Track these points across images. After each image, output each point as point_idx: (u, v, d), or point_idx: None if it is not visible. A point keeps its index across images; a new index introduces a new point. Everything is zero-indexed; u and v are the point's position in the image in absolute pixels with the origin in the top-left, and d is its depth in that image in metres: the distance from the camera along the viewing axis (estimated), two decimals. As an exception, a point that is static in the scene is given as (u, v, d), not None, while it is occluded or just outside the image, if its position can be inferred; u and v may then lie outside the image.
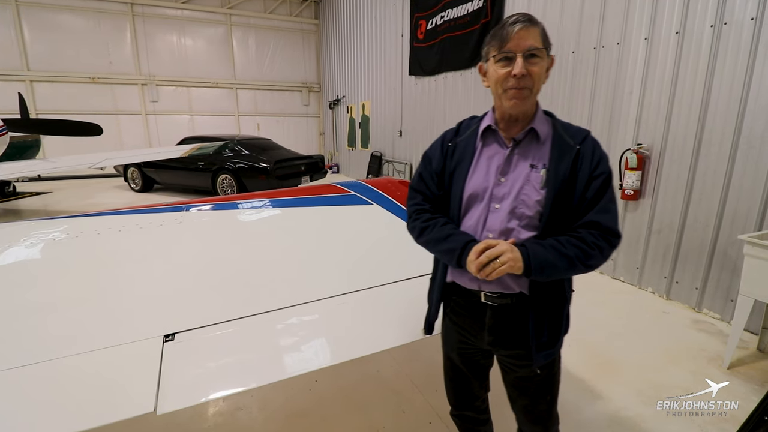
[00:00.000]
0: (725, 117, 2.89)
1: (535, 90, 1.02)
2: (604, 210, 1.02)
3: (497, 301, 1.09)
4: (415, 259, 1.74)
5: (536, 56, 0.99)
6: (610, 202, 1.03)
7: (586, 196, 1.02)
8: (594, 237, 1.00)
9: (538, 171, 1.04)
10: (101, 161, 5.76)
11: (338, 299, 1.48)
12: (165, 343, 1.23)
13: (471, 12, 5.71)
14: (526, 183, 1.04)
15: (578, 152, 1.03)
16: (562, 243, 1.00)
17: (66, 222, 1.88)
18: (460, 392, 1.38)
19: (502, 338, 1.13)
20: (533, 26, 0.99)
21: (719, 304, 3.01)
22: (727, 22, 2.84)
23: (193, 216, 2.02)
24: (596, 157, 1.04)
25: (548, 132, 1.08)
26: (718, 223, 2.97)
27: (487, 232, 1.07)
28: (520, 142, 1.07)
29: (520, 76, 0.98)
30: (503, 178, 1.07)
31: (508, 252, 0.96)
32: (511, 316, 1.10)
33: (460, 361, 1.29)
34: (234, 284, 1.54)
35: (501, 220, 1.05)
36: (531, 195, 1.03)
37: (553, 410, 1.25)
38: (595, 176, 1.02)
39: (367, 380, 2.28)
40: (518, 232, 1.05)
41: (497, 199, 1.06)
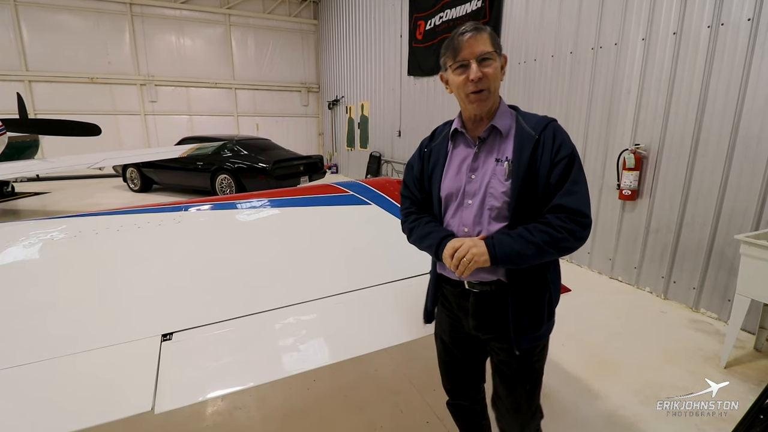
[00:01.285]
0: (722, 117, 2.90)
1: (493, 89, 1.10)
2: (568, 192, 1.06)
3: (478, 288, 1.17)
4: (412, 259, 1.75)
5: (488, 59, 1.07)
6: (574, 184, 1.06)
7: (550, 181, 1.07)
8: (560, 220, 1.04)
9: (502, 164, 1.11)
10: (100, 161, 5.75)
11: (336, 299, 1.48)
12: (163, 342, 1.23)
13: (469, 12, 5.72)
14: (492, 177, 1.11)
15: (537, 141, 1.08)
16: (530, 230, 1.04)
17: (64, 222, 1.88)
18: (453, 377, 1.41)
19: (484, 323, 1.20)
20: (481, 33, 1.07)
21: (716, 304, 3.02)
22: (724, 23, 2.85)
23: (191, 216, 2.03)
24: (557, 142, 1.08)
25: (510, 126, 1.14)
26: (716, 223, 2.98)
27: (462, 227, 1.15)
28: (485, 139, 1.15)
29: (476, 79, 1.06)
30: (473, 175, 1.14)
31: (472, 248, 1.03)
32: (493, 301, 1.16)
33: (451, 343, 1.34)
34: (232, 284, 1.55)
35: (473, 214, 1.13)
36: (497, 187, 1.10)
37: (531, 403, 1.26)
38: (557, 162, 1.07)
39: (365, 379, 2.28)
40: (489, 224, 1.12)
41: (469, 195, 1.14)
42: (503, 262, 1.04)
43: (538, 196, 1.08)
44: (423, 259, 1.72)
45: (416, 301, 1.52)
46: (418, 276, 1.64)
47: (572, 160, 1.08)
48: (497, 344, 1.22)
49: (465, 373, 1.39)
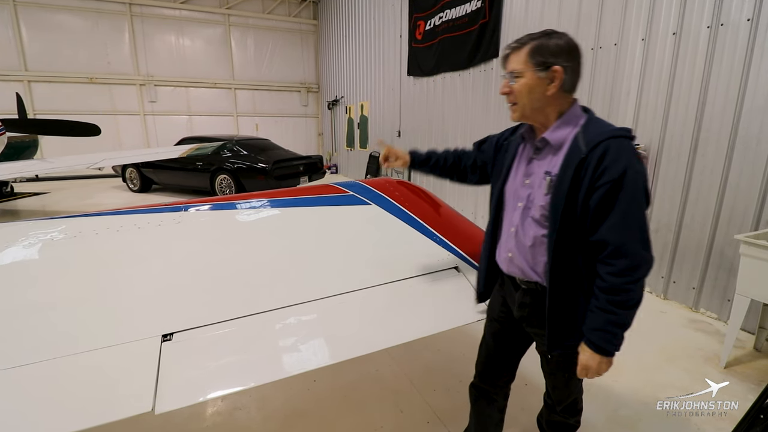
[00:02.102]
0: (722, 117, 2.90)
1: (521, 104, 1.14)
2: (613, 227, 1.01)
3: (525, 284, 1.25)
4: (411, 260, 1.75)
5: (517, 76, 1.12)
6: (622, 215, 0.99)
7: (589, 205, 1.03)
8: (605, 270, 1.05)
9: (545, 179, 1.13)
10: (99, 161, 5.74)
11: (336, 299, 1.48)
12: (163, 342, 1.23)
13: (469, 13, 5.72)
14: (538, 188, 1.16)
15: (582, 160, 1.03)
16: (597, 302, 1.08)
17: (64, 222, 1.88)
18: (490, 359, 1.47)
19: (528, 316, 1.27)
20: (517, 51, 1.12)
21: (716, 304, 3.02)
22: (723, 23, 2.86)
23: (191, 216, 2.02)
24: (603, 164, 1.00)
25: (567, 138, 1.11)
26: (715, 223, 2.98)
27: (510, 226, 1.25)
28: (540, 149, 1.18)
29: (502, 93, 1.17)
30: (527, 180, 1.20)
31: (599, 369, 1.14)
32: (538, 299, 1.22)
33: (499, 326, 1.41)
34: (232, 284, 1.54)
35: (520, 216, 1.21)
36: (538, 199, 1.15)
37: (570, 384, 1.36)
38: (598, 186, 1.01)
39: (365, 380, 2.28)
40: (529, 229, 1.19)
41: (520, 199, 1.21)
42: (616, 348, 1.12)
43: (577, 220, 1.06)
44: (423, 259, 1.72)
45: (416, 301, 1.52)
46: (418, 276, 1.64)
47: (619, 185, 0.99)
48: (538, 339, 1.30)
49: (502, 359, 1.45)
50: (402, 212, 2.05)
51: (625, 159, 1.00)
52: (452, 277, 1.68)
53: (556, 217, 1.08)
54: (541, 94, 1.10)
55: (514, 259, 1.24)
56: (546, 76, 1.08)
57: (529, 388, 2.15)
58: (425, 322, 1.47)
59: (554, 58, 1.07)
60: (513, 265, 1.25)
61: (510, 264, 1.26)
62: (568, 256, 1.10)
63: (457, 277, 1.68)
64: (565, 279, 1.12)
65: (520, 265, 1.23)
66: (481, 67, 5.61)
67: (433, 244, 1.89)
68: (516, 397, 1.62)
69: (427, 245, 1.88)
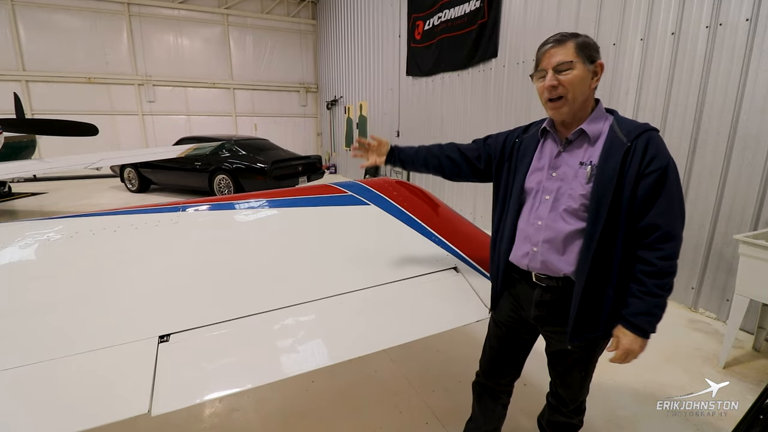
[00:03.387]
0: (720, 117, 2.90)
1: (571, 97, 1.13)
2: (662, 212, 1.08)
3: (545, 282, 1.23)
4: (410, 260, 1.75)
5: (567, 69, 1.11)
6: (668, 203, 1.08)
7: (637, 194, 1.08)
8: (654, 255, 1.09)
9: (585, 167, 1.14)
10: (97, 161, 5.72)
11: (335, 299, 1.48)
12: (160, 343, 1.22)
13: (468, 13, 5.72)
14: (574, 178, 1.15)
15: (628, 149, 1.09)
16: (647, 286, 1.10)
17: (61, 222, 1.87)
18: (495, 362, 1.49)
19: (546, 314, 1.26)
20: (563, 44, 1.12)
21: (715, 304, 3.03)
22: (722, 23, 2.86)
23: (189, 216, 2.01)
24: (650, 153, 1.07)
25: (602, 131, 1.16)
26: (714, 223, 2.99)
27: (536, 220, 1.22)
28: (572, 141, 1.19)
29: (549, 87, 1.13)
30: (554, 173, 1.20)
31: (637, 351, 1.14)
32: (558, 295, 1.23)
33: (507, 329, 1.41)
34: (230, 284, 1.54)
35: (549, 210, 1.19)
36: (576, 189, 1.14)
37: (585, 382, 1.38)
38: (646, 174, 1.07)
39: (364, 381, 2.27)
40: (561, 222, 1.17)
41: (547, 191, 1.20)
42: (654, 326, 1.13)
43: (622, 207, 1.09)
44: (422, 260, 1.71)
45: (415, 301, 1.52)
46: (417, 277, 1.63)
47: (665, 173, 1.07)
48: (556, 337, 1.29)
49: (508, 361, 1.46)
50: (401, 212, 2.04)
51: (666, 150, 1.11)
52: (451, 278, 1.67)
53: (600, 205, 1.10)
54: (588, 86, 1.14)
55: (540, 254, 1.21)
56: (592, 69, 1.14)
57: (529, 388, 2.14)
58: (424, 322, 1.46)
59: (596, 53, 1.15)
60: (536, 261, 1.22)
61: (533, 259, 1.23)
62: (609, 245, 1.13)
63: (456, 277, 1.68)
64: (601, 269, 1.15)
65: (547, 260, 1.20)
66: (480, 67, 5.61)
67: (432, 245, 1.88)
68: (515, 397, 1.61)
69: (426, 246, 1.88)
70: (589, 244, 1.12)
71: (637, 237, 1.12)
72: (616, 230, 1.11)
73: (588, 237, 1.13)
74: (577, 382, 1.37)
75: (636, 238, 1.12)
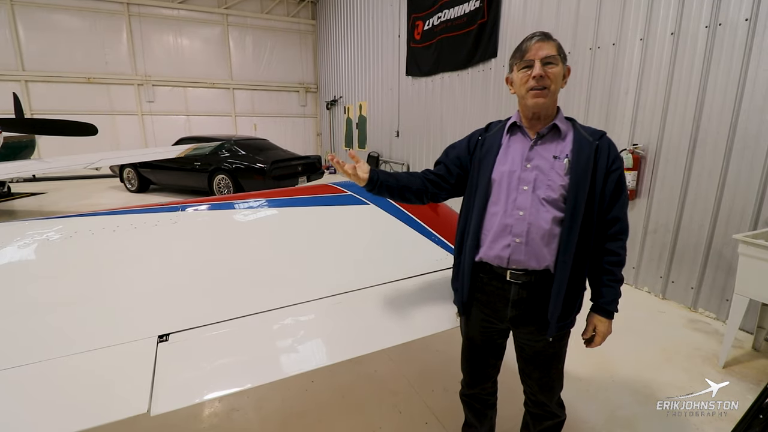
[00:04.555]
0: (720, 117, 2.90)
1: (554, 89, 1.20)
2: (623, 205, 1.25)
3: (522, 278, 1.25)
4: (411, 259, 1.75)
5: (552, 63, 1.18)
6: (625, 199, 1.25)
7: (606, 188, 1.22)
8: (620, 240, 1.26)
9: (561, 160, 1.21)
10: (96, 161, 5.71)
11: (334, 299, 1.47)
12: (159, 343, 1.22)
13: (468, 13, 5.72)
14: (551, 169, 1.21)
15: (597, 147, 1.21)
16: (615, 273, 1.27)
17: (60, 222, 1.87)
18: (475, 373, 1.50)
19: (523, 313, 1.28)
20: (549, 40, 1.19)
21: (715, 304, 3.03)
22: (721, 23, 2.86)
23: (188, 216, 2.01)
24: (612, 153, 1.23)
25: (568, 129, 1.26)
26: (713, 223, 2.99)
27: (517, 210, 1.22)
28: (543, 136, 1.25)
29: (538, 77, 1.17)
30: (528, 165, 1.23)
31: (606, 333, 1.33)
32: (534, 291, 1.25)
33: (481, 340, 1.42)
34: (229, 284, 1.53)
35: (529, 199, 1.22)
36: (556, 180, 1.20)
37: (561, 376, 1.43)
38: (612, 170, 1.22)
39: (363, 380, 2.27)
40: (545, 210, 1.20)
41: (525, 182, 1.23)
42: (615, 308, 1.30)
43: (595, 199, 1.21)
44: (422, 259, 1.71)
45: (415, 301, 1.51)
46: (417, 276, 1.63)
47: (623, 173, 1.25)
48: (532, 336, 1.31)
49: (487, 367, 1.48)
50: (400, 212, 2.04)
51: (619, 153, 1.27)
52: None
53: (578, 195, 1.17)
54: (561, 84, 1.22)
55: (524, 244, 1.20)
56: (564, 70, 1.23)
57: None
58: (424, 322, 1.46)
59: (566, 58, 1.24)
60: (520, 252, 1.20)
61: (516, 251, 1.21)
62: (586, 236, 1.21)
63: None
64: (580, 259, 1.22)
65: (532, 250, 1.20)
66: (479, 66, 5.61)
67: (432, 244, 1.88)
68: (514, 398, 1.61)
69: (425, 245, 1.88)
70: (569, 235, 1.18)
71: (603, 228, 1.25)
72: (591, 221, 1.21)
73: (568, 227, 1.19)
74: (556, 379, 1.40)
75: (602, 229, 1.25)
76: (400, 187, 1.34)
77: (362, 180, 1.28)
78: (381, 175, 1.31)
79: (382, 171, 1.34)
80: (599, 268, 1.27)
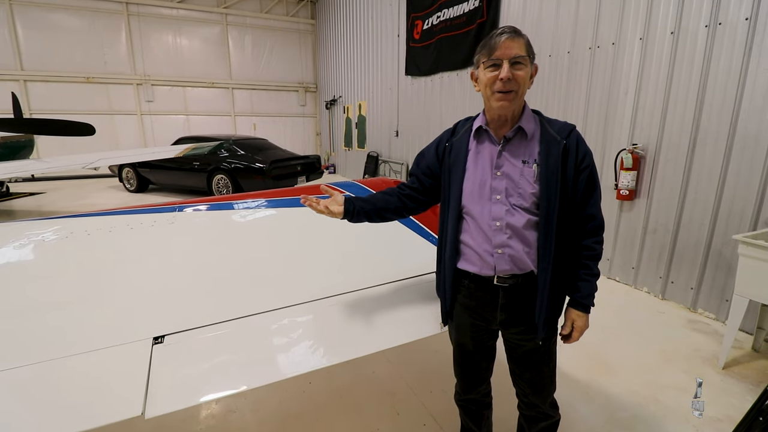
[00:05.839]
0: (720, 117, 2.89)
1: (521, 93, 1.14)
2: (595, 202, 1.22)
3: (509, 282, 1.22)
4: (408, 260, 1.74)
5: (521, 63, 1.11)
6: (597, 193, 1.22)
7: (577, 186, 1.19)
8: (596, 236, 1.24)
9: (530, 166, 1.17)
10: (94, 161, 5.69)
11: (331, 300, 1.46)
12: (154, 345, 1.21)
13: (467, 12, 5.71)
14: (520, 177, 1.17)
15: (565, 146, 1.16)
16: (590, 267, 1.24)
17: (57, 223, 1.85)
18: (469, 377, 1.48)
19: (512, 315, 1.26)
20: (518, 37, 1.11)
21: (714, 304, 3.02)
22: (721, 23, 2.85)
23: (185, 216, 2.00)
24: (581, 150, 1.18)
25: (535, 129, 1.20)
26: (713, 223, 2.98)
27: (493, 221, 1.19)
28: (510, 139, 1.20)
29: (506, 79, 1.10)
30: (498, 172, 1.19)
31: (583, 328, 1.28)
32: (521, 294, 1.23)
33: (472, 345, 1.39)
34: (225, 285, 1.52)
35: (503, 209, 1.18)
36: (526, 188, 1.16)
37: (553, 378, 1.39)
38: (582, 168, 1.18)
39: (361, 382, 2.26)
40: (520, 218, 1.17)
41: (496, 191, 1.19)
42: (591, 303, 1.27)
43: (567, 200, 1.18)
44: (419, 260, 1.70)
45: (412, 302, 1.50)
46: (415, 277, 1.62)
47: (593, 168, 1.20)
48: (523, 336, 1.29)
49: (481, 371, 1.45)
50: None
51: (589, 148, 1.22)
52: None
53: (550, 201, 1.14)
54: (527, 85, 1.16)
55: (507, 254, 1.19)
56: (532, 69, 1.17)
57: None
58: (422, 323, 1.45)
59: (534, 56, 1.18)
60: (504, 261, 1.19)
61: (500, 261, 1.19)
62: (563, 235, 1.19)
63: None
64: (560, 259, 1.20)
65: (515, 258, 1.18)
66: (479, 66, 5.59)
67: (430, 245, 1.87)
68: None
69: (423, 246, 1.87)
70: (545, 240, 1.16)
71: (579, 225, 1.22)
72: (566, 222, 1.19)
73: (543, 233, 1.16)
74: (548, 378, 1.36)
75: (578, 226, 1.22)
76: (377, 210, 1.34)
77: (338, 214, 1.28)
78: (356, 204, 1.31)
79: (357, 198, 1.33)
80: (576, 263, 1.25)
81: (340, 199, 1.30)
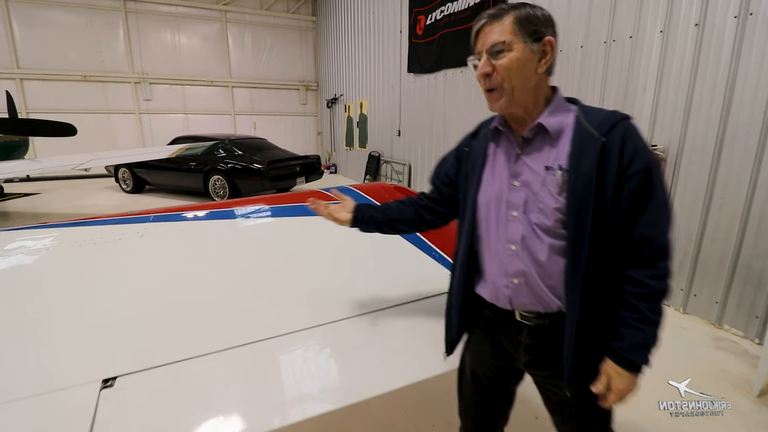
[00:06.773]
0: (750, 115, 2.64)
1: (509, 86, 0.91)
2: (652, 221, 0.87)
3: (534, 321, 0.99)
4: (407, 282, 1.49)
5: (502, 51, 0.89)
6: (659, 207, 0.88)
7: (621, 199, 0.87)
8: (647, 274, 0.88)
9: (554, 173, 0.91)
10: (86, 162, 5.52)
11: (318, 330, 1.24)
12: (102, 390, 1.00)
13: (472, 6, 5.47)
14: (541, 188, 0.92)
15: (604, 145, 0.87)
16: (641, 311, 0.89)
17: (7, 235, 1.65)
18: (482, 417, 1.23)
19: (539, 358, 1.02)
20: (498, 19, 0.90)
21: (742, 321, 2.77)
22: (752, 12, 2.60)
23: (158, 228, 1.79)
24: (628, 149, 0.87)
25: (564, 125, 0.93)
26: (742, 232, 2.73)
27: (509, 244, 0.97)
28: (530, 140, 0.96)
29: (483, 75, 0.92)
30: (516, 182, 0.96)
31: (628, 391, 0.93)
32: (549, 335, 0.99)
33: (489, 380, 1.16)
34: (196, 313, 1.30)
35: (521, 229, 0.95)
36: (547, 202, 0.91)
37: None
38: (630, 175, 0.86)
39: (353, 414, 2.03)
40: (540, 242, 0.93)
41: (513, 206, 0.96)
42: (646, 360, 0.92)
43: (606, 220, 0.87)
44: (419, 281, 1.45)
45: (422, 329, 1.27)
46: (415, 301, 1.39)
47: (650, 174, 0.86)
48: (554, 381, 1.04)
49: (496, 413, 1.22)
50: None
51: (643, 142, 0.90)
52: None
53: (580, 221, 0.87)
54: (532, 71, 0.91)
55: (525, 285, 0.96)
56: (537, 49, 0.90)
57: (540, 422, 1.90)
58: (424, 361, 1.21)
59: (546, 28, 0.90)
60: (521, 295, 0.97)
61: (517, 294, 0.98)
62: (598, 267, 0.89)
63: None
64: (593, 296, 0.91)
65: (535, 292, 0.95)
66: (484, 63, 5.35)
67: (432, 262, 1.65)
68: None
69: (424, 263, 1.64)
70: (574, 269, 0.89)
71: (626, 253, 0.90)
72: (604, 248, 0.88)
73: (571, 260, 0.90)
74: None
75: (624, 254, 0.90)
76: (390, 221, 1.19)
77: (345, 221, 1.16)
78: (366, 211, 1.17)
79: (367, 205, 1.17)
80: (620, 301, 0.92)
81: (350, 206, 1.18)
